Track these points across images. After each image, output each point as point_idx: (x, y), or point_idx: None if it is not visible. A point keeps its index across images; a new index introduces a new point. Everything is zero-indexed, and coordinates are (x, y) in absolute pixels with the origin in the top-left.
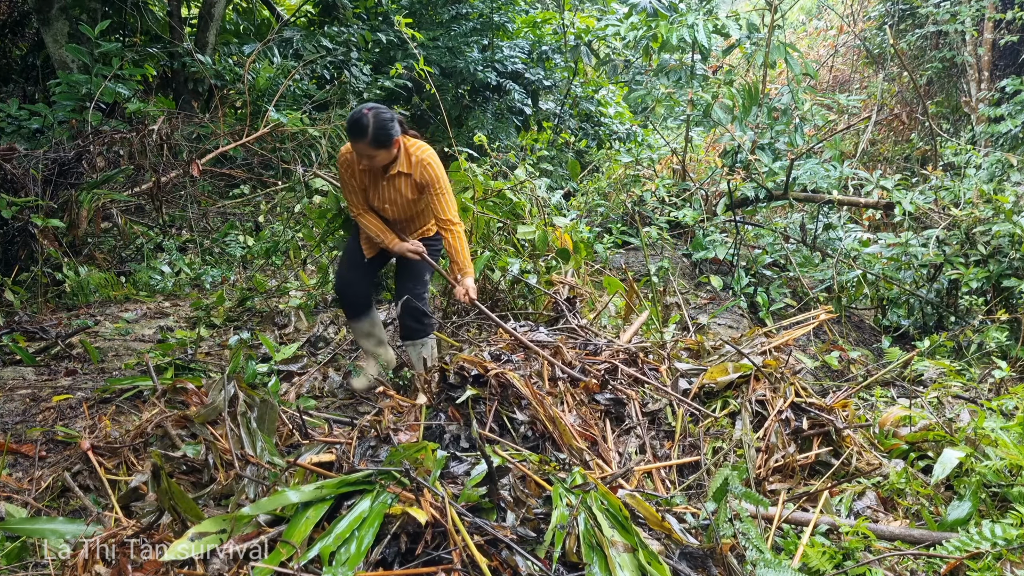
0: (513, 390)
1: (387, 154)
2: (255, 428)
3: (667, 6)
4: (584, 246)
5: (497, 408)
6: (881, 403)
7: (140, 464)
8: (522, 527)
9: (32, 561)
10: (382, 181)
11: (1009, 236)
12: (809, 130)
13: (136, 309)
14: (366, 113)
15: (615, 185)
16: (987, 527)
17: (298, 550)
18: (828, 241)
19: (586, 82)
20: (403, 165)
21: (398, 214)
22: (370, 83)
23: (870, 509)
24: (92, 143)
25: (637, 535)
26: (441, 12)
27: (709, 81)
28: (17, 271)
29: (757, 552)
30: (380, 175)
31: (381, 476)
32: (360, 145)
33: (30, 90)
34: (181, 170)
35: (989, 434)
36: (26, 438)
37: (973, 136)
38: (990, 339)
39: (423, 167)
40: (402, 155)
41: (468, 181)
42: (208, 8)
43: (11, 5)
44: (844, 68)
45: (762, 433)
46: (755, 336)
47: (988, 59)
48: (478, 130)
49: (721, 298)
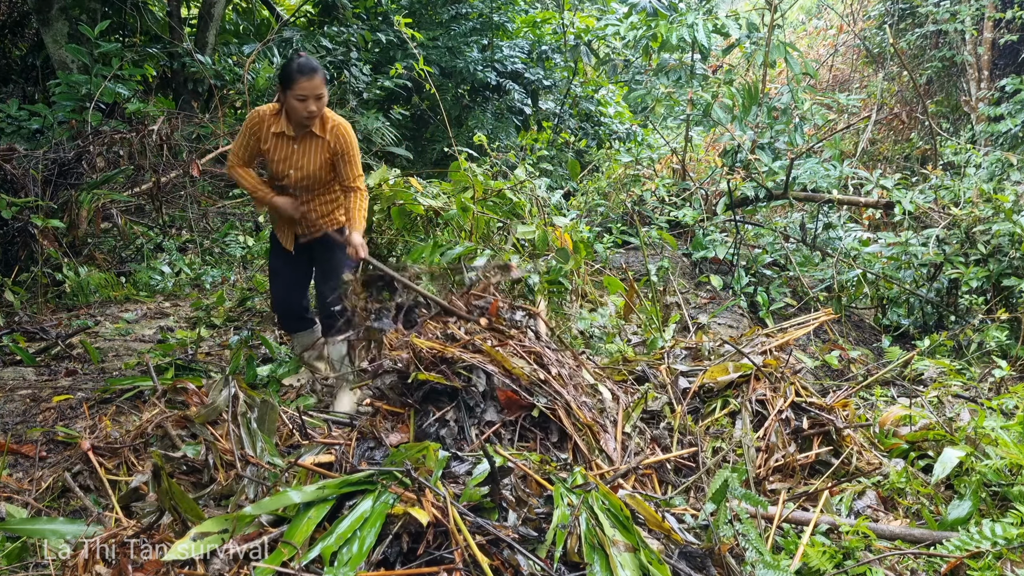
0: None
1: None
2: (255, 428)
3: (667, 6)
4: (584, 246)
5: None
6: (881, 402)
7: (140, 464)
8: (523, 527)
9: (32, 561)
10: (293, 144)
11: (1009, 235)
12: (809, 129)
13: (136, 309)
14: (301, 55)
15: (615, 185)
16: (987, 526)
17: (299, 550)
18: (828, 240)
19: (586, 82)
20: (318, 128)
21: (301, 181)
22: (370, 83)
23: (870, 508)
24: (92, 143)
25: (638, 535)
26: (441, 12)
27: (709, 81)
28: (17, 271)
29: (756, 553)
30: (292, 138)
31: (383, 476)
32: (315, 81)
33: (30, 90)
34: (181, 170)
35: (989, 433)
36: (26, 438)
37: (973, 135)
38: (990, 338)
39: (339, 131)
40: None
41: (468, 181)
42: (208, 8)
43: (11, 5)
44: (844, 67)
45: (762, 433)
46: (755, 336)
47: (988, 58)
48: (478, 130)
49: (721, 298)
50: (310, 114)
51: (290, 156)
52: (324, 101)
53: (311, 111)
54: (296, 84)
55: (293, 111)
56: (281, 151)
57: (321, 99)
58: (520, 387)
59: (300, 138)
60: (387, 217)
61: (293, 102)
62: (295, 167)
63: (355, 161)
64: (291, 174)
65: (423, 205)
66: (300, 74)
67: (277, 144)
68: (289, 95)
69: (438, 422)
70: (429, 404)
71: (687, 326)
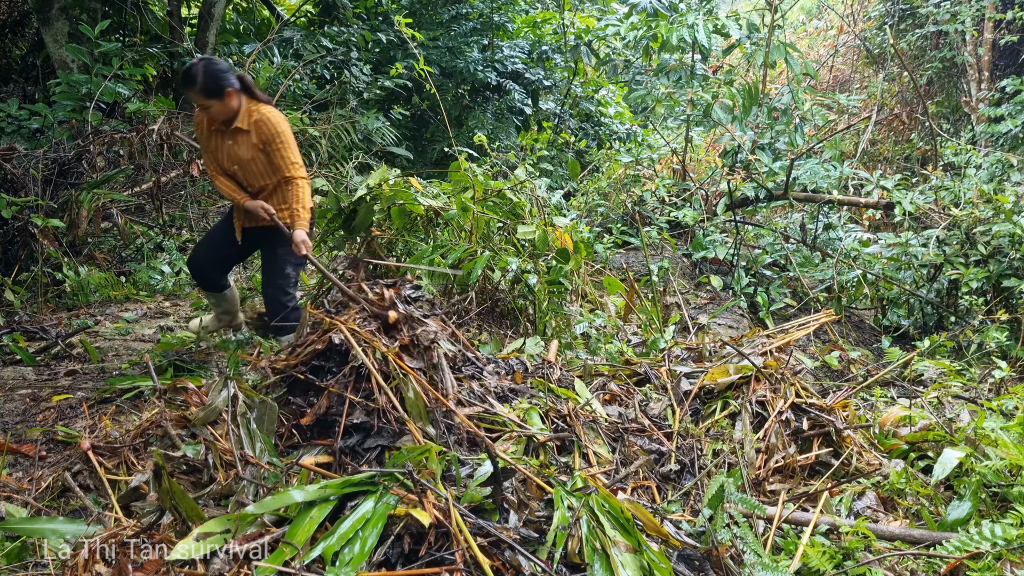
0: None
1: (221, 105)
2: (255, 429)
3: (667, 6)
4: (584, 246)
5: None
6: (881, 403)
7: (140, 464)
8: (525, 528)
9: (32, 561)
10: (226, 139)
11: (1009, 236)
12: (809, 130)
13: (136, 309)
14: (197, 63)
15: (615, 185)
16: (987, 527)
17: (300, 550)
18: (828, 241)
19: (586, 82)
20: (242, 122)
21: (246, 178)
22: (370, 83)
23: (870, 509)
24: (92, 143)
25: (639, 536)
26: (441, 12)
27: (709, 81)
28: (17, 271)
29: (755, 555)
30: (224, 133)
31: (384, 477)
32: (191, 93)
33: (30, 90)
34: (181, 170)
35: (989, 434)
36: (26, 438)
37: (973, 136)
38: (990, 339)
39: (261, 123)
40: (243, 112)
41: (468, 181)
42: (208, 8)
43: (11, 5)
44: (844, 68)
45: (762, 434)
46: (756, 336)
47: (988, 59)
48: (478, 130)
49: (721, 298)
50: (209, 116)
51: (227, 151)
52: (215, 111)
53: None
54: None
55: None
56: (220, 147)
57: (208, 109)
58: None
59: (231, 133)
60: (387, 217)
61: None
62: (234, 161)
63: (285, 150)
64: (235, 169)
65: (423, 205)
66: (183, 84)
67: (215, 141)
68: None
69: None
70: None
71: (687, 327)
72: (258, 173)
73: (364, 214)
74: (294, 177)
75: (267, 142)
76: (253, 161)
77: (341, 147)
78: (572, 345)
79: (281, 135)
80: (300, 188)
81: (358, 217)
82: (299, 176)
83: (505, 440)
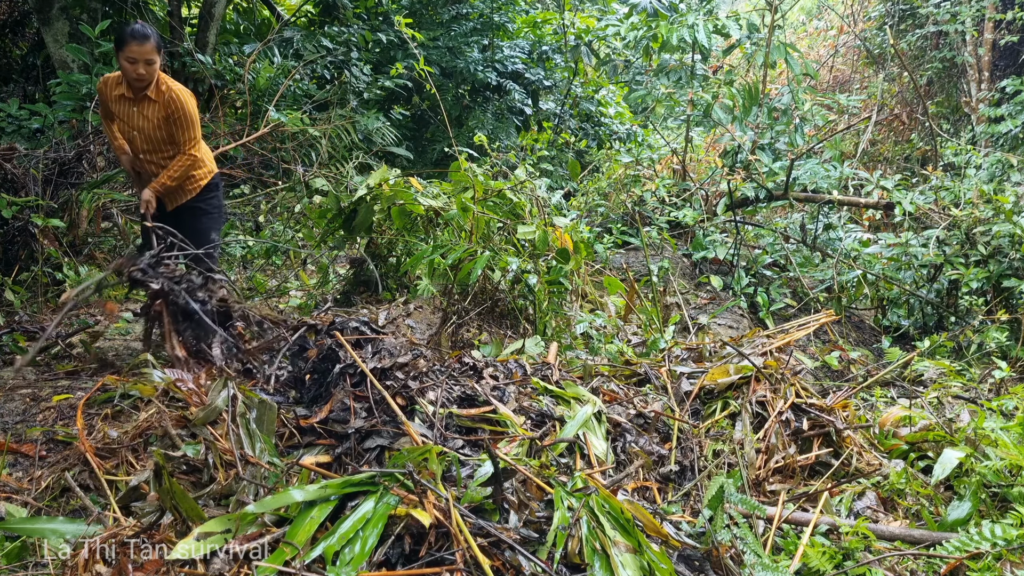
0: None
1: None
2: (254, 429)
3: (667, 6)
4: (584, 246)
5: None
6: (881, 403)
7: (140, 464)
8: (525, 528)
9: (32, 561)
10: (133, 107)
11: (1009, 236)
12: (809, 130)
13: (136, 309)
14: (136, 24)
15: (615, 185)
16: (987, 527)
17: (301, 550)
18: (828, 241)
19: (586, 82)
20: (153, 92)
21: (145, 144)
22: (370, 83)
23: (870, 509)
24: (92, 143)
25: (639, 536)
26: (441, 12)
27: (709, 81)
28: (17, 271)
29: (755, 556)
30: (131, 101)
31: (385, 477)
32: (146, 47)
33: (30, 90)
34: None
35: (989, 434)
36: (26, 438)
37: (973, 136)
38: (990, 339)
39: (171, 95)
40: (154, 83)
41: (468, 181)
42: (208, 8)
43: (11, 5)
44: (844, 68)
45: (762, 434)
46: (756, 337)
47: (988, 59)
48: (478, 130)
49: (721, 298)
50: (139, 76)
51: (131, 118)
52: (155, 67)
53: (140, 74)
54: (127, 47)
55: (124, 73)
56: (123, 113)
57: (152, 64)
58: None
59: (138, 101)
60: (387, 217)
61: (124, 63)
62: (136, 128)
63: (188, 128)
64: (135, 136)
65: (423, 205)
66: (132, 38)
67: (120, 107)
68: (120, 56)
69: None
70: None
71: (687, 327)
72: (158, 141)
73: (364, 214)
74: (187, 153)
75: (172, 116)
76: (157, 130)
77: (341, 147)
78: (572, 345)
79: (188, 114)
80: (183, 161)
81: (358, 217)
82: (191, 152)
83: (507, 443)
